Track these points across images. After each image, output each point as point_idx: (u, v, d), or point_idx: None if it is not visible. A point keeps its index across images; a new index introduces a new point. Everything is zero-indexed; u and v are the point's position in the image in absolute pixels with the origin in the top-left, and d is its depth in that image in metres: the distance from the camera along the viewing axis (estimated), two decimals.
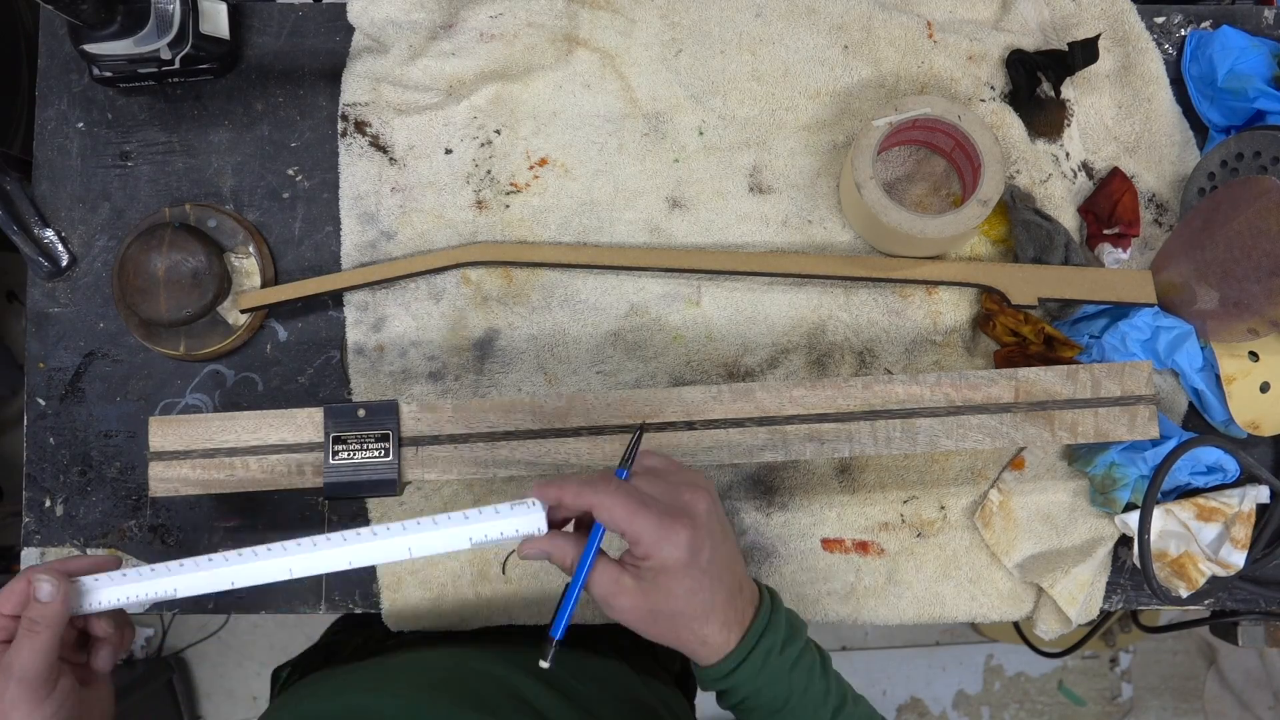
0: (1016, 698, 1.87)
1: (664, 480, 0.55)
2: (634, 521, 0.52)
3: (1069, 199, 0.79)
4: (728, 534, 0.56)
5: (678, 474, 0.56)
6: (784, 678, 0.55)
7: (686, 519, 0.53)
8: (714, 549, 0.53)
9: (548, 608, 0.76)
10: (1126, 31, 0.81)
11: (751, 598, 0.56)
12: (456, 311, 0.77)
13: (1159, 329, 0.74)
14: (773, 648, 0.55)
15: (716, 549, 0.54)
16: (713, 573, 0.53)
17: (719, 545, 0.54)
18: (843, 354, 0.78)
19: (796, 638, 0.57)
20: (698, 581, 0.53)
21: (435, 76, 0.78)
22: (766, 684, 0.54)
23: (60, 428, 0.78)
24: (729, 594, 0.54)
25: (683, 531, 0.52)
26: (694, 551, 0.52)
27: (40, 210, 0.78)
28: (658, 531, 0.52)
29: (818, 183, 0.79)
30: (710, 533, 0.53)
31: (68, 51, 0.79)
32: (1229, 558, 0.73)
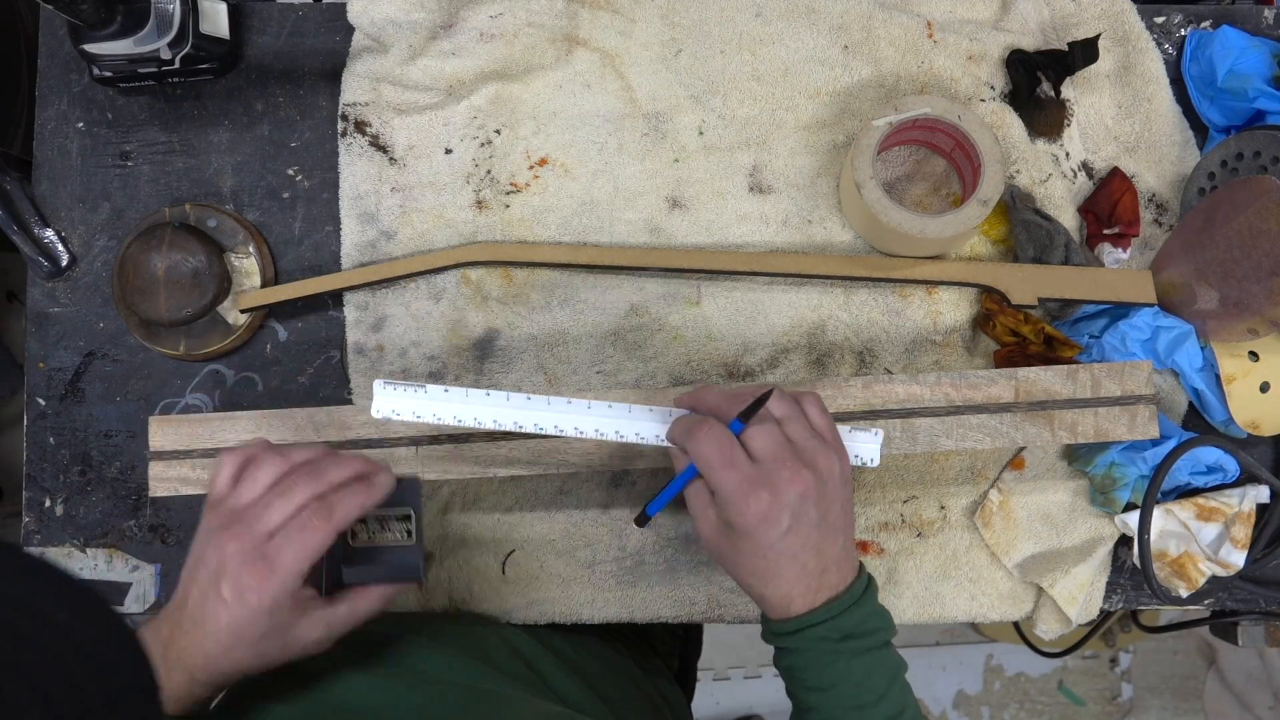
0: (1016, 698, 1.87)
1: (780, 446, 0.56)
2: (717, 475, 0.55)
3: (1069, 199, 0.79)
4: (825, 519, 0.56)
5: (804, 442, 0.57)
6: (834, 665, 0.56)
7: (768, 492, 0.54)
8: (794, 528, 0.55)
9: (548, 607, 0.76)
10: (1126, 31, 0.81)
11: (835, 585, 0.57)
12: (456, 311, 0.77)
13: (1159, 329, 0.74)
14: (828, 636, 0.56)
15: (798, 529, 0.55)
16: (784, 549, 0.55)
17: (803, 527, 0.55)
18: (843, 354, 0.77)
19: (866, 635, 0.57)
20: (766, 550, 0.55)
21: (435, 76, 0.78)
22: (813, 663, 0.56)
23: (60, 428, 0.78)
24: (801, 572, 0.56)
25: (757, 503, 0.54)
26: (765, 523, 0.54)
27: (40, 210, 0.78)
28: (734, 492, 0.54)
29: (818, 183, 0.79)
30: (794, 513, 0.55)
31: (68, 51, 0.79)
32: (1229, 558, 0.73)
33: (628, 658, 0.82)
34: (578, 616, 0.76)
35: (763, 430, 0.56)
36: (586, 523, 0.76)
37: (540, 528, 0.76)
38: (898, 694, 0.58)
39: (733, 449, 0.55)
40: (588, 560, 0.76)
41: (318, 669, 0.59)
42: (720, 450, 0.55)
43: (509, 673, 0.65)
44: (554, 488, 0.76)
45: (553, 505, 0.76)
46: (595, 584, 0.76)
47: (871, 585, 0.59)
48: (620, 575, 0.76)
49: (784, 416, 0.58)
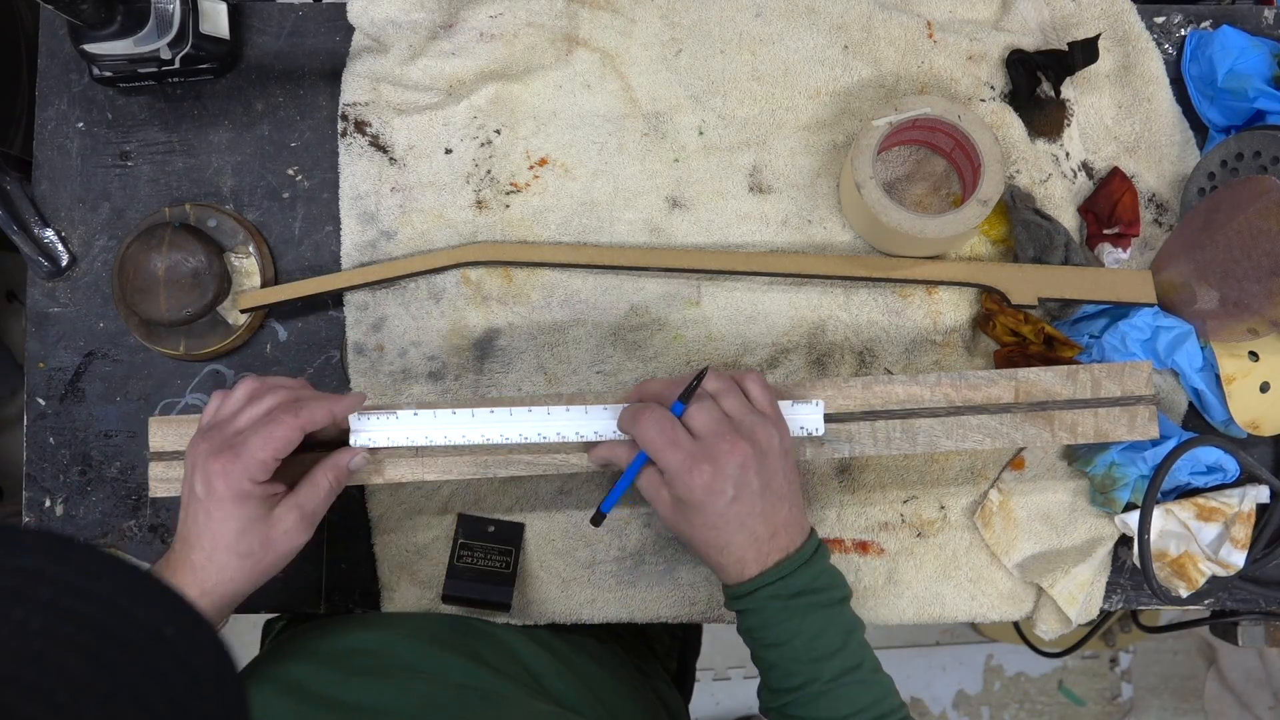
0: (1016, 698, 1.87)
1: (718, 421, 0.59)
2: (662, 455, 0.59)
3: (1069, 199, 0.79)
4: (768, 486, 0.59)
5: (742, 415, 0.60)
6: (788, 621, 0.59)
7: (710, 465, 0.57)
8: (738, 497, 0.58)
9: (547, 607, 0.76)
10: (1126, 31, 0.81)
11: (785, 547, 0.60)
12: (456, 311, 0.77)
13: (1159, 329, 0.74)
14: (781, 594, 0.59)
15: (742, 498, 0.58)
16: (731, 517, 0.58)
17: (746, 496, 0.58)
18: (843, 354, 0.77)
19: (818, 592, 0.60)
20: (715, 520, 0.58)
21: (435, 76, 0.78)
22: (769, 620, 0.59)
23: (60, 428, 0.78)
24: (751, 537, 0.59)
25: (701, 476, 0.57)
26: (710, 494, 0.57)
27: (40, 210, 0.78)
28: (679, 469, 0.58)
29: (818, 183, 0.79)
30: (736, 482, 0.58)
31: (68, 51, 0.79)
32: (1229, 558, 0.73)
33: (625, 659, 0.82)
34: (577, 616, 0.76)
35: (701, 409, 0.60)
36: (586, 523, 0.76)
37: (540, 528, 0.76)
38: (855, 648, 0.60)
39: (674, 429, 0.59)
40: (588, 560, 0.76)
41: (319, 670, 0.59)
42: (662, 431, 0.59)
43: (505, 673, 0.65)
44: (554, 488, 0.76)
45: (553, 505, 0.76)
46: (595, 584, 0.76)
47: (821, 548, 0.62)
48: (620, 575, 0.76)
49: (720, 393, 0.61)
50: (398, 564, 0.76)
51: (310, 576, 0.76)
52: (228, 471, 0.56)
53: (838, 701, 0.59)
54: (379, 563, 0.76)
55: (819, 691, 0.59)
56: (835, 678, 0.59)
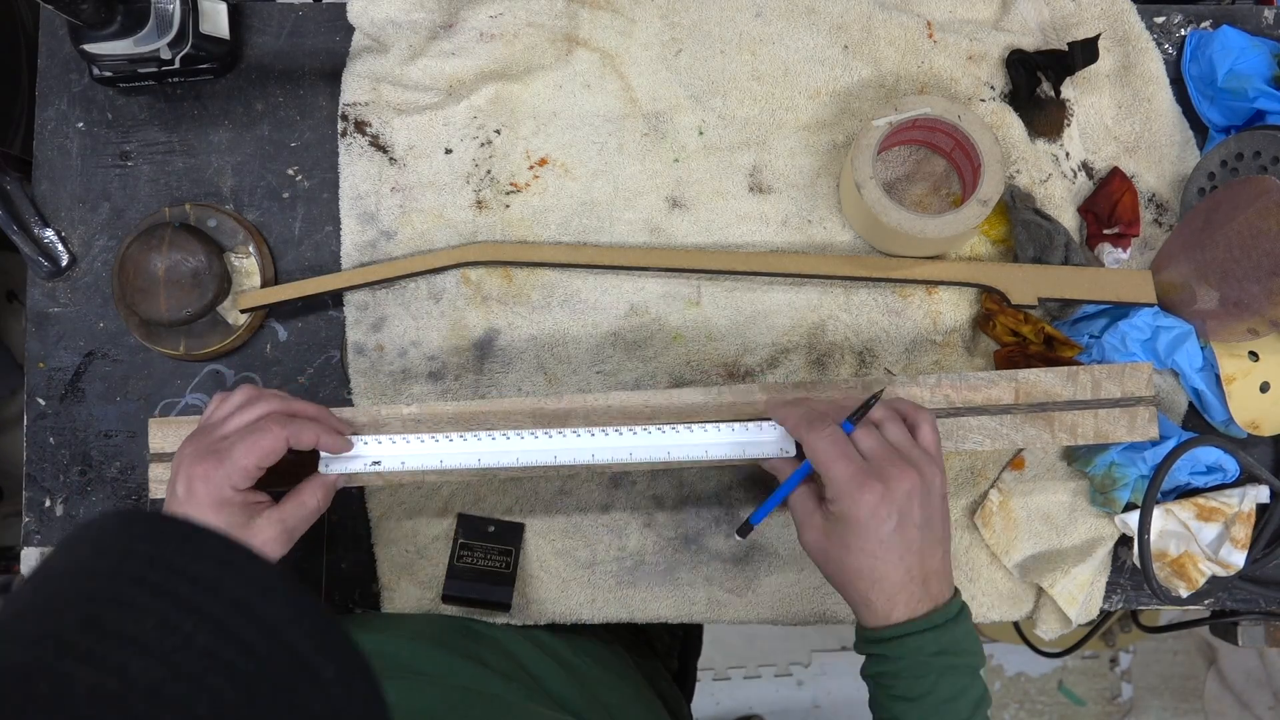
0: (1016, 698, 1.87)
1: (887, 447, 0.58)
2: (831, 467, 0.57)
3: (1069, 199, 0.79)
4: (929, 524, 0.58)
5: (908, 449, 0.59)
6: (926, 677, 0.57)
7: (880, 486, 0.56)
8: (901, 526, 0.56)
9: (547, 607, 0.76)
10: (1126, 31, 0.81)
11: (936, 596, 0.58)
12: (456, 311, 0.77)
13: (1159, 329, 0.74)
14: (927, 647, 0.57)
15: (904, 528, 0.56)
16: (893, 547, 0.56)
17: (908, 526, 0.56)
18: (843, 354, 0.77)
19: (961, 654, 0.58)
20: (875, 547, 0.56)
21: (435, 76, 0.78)
22: (907, 671, 0.57)
23: (60, 428, 0.78)
24: (907, 576, 0.57)
25: (870, 494, 0.56)
26: (876, 516, 0.56)
27: (40, 210, 0.78)
28: (848, 484, 0.56)
29: (818, 183, 0.79)
30: (901, 510, 0.56)
31: (68, 51, 0.79)
32: (1229, 558, 0.73)
33: (626, 659, 0.82)
34: (577, 616, 0.76)
35: (869, 433, 0.59)
36: (586, 523, 0.76)
37: (540, 528, 0.76)
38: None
39: (847, 444, 0.58)
40: (587, 560, 0.76)
41: None
42: (835, 442, 0.58)
43: (506, 676, 0.65)
44: (554, 488, 0.76)
45: (553, 505, 0.76)
46: (595, 584, 0.76)
47: (966, 609, 0.60)
48: (620, 575, 0.76)
49: (886, 422, 0.60)
50: (398, 564, 0.76)
51: (310, 576, 0.76)
52: (209, 476, 0.56)
53: None
54: (379, 563, 0.76)
55: None
56: None
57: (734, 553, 0.76)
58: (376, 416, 0.67)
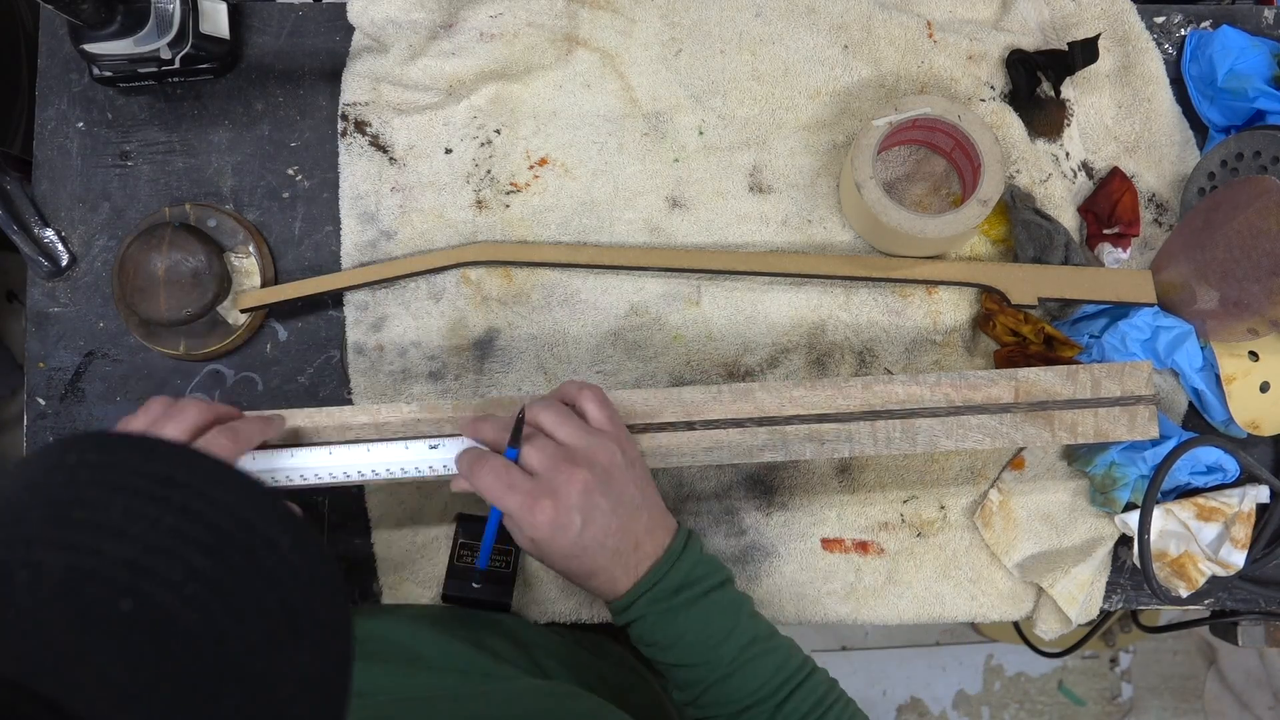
0: (1016, 698, 1.87)
1: (554, 454, 0.59)
2: (501, 502, 0.58)
3: (1069, 199, 0.79)
4: (621, 502, 0.59)
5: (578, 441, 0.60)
6: (674, 620, 0.59)
7: (549, 500, 0.57)
8: (588, 522, 0.58)
9: (548, 607, 0.76)
10: (1126, 31, 0.81)
11: (653, 552, 0.60)
12: (456, 311, 0.77)
13: (1159, 329, 0.74)
14: (660, 596, 0.59)
15: (592, 522, 0.58)
16: (588, 543, 0.58)
17: (596, 517, 0.58)
18: (843, 354, 0.77)
19: (696, 583, 0.60)
20: (572, 549, 0.58)
21: (435, 76, 0.78)
22: (656, 624, 0.59)
23: (60, 427, 0.78)
24: (615, 555, 0.59)
25: (543, 514, 0.57)
26: (557, 527, 0.57)
27: (40, 210, 0.78)
28: (520, 511, 0.57)
29: (818, 183, 0.79)
30: (582, 510, 0.57)
31: (68, 51, 0.79)
32: (1229, 558, 0.73)
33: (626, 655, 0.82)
34: (577, 616, 0.76)
35: (533, 447, 0.59)
36: None
37: None
38: (746, 624, 0.60)
39: (509, 472, 0.58)
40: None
41: None
42: (497, 477, 0.58)
43: (507, 659, 0.65)
44: None
45: None
46: None
47: (692, 539, 0.62)
48: None
49: (552, 424, 0.61)
50: (397, 564, 0.76)
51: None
52: None
53: (745, 679, 0.59)
54: (379, 562, 0.76)
55: (724, 675, 0.59)
56: (735, 658, 0.59)
57: (734, 553, 0.76)
58: (376, 416, 0.67)
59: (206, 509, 0.28)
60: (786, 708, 0.59)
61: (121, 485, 0.28)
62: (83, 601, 0.25)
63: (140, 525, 0.27)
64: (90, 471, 0.28)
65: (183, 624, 0.25)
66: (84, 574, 0.25)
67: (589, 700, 0.58)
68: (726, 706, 0.59)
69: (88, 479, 0.28)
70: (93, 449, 0.29)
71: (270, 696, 0.27)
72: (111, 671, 0.24)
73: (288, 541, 0.29)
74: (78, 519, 0.27)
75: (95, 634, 0.24)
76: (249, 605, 0.27)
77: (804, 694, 0.59)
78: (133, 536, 0.26)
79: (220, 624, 0.26)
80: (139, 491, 0.28)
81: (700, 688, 0.59)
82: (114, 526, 0.27)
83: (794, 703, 0.59)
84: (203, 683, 0.25)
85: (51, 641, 0.24)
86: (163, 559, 0.26)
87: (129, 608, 0.25)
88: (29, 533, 0.27)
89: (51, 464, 0.29)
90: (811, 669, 0.61)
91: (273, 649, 0.27)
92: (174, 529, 0.27)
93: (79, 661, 0.24)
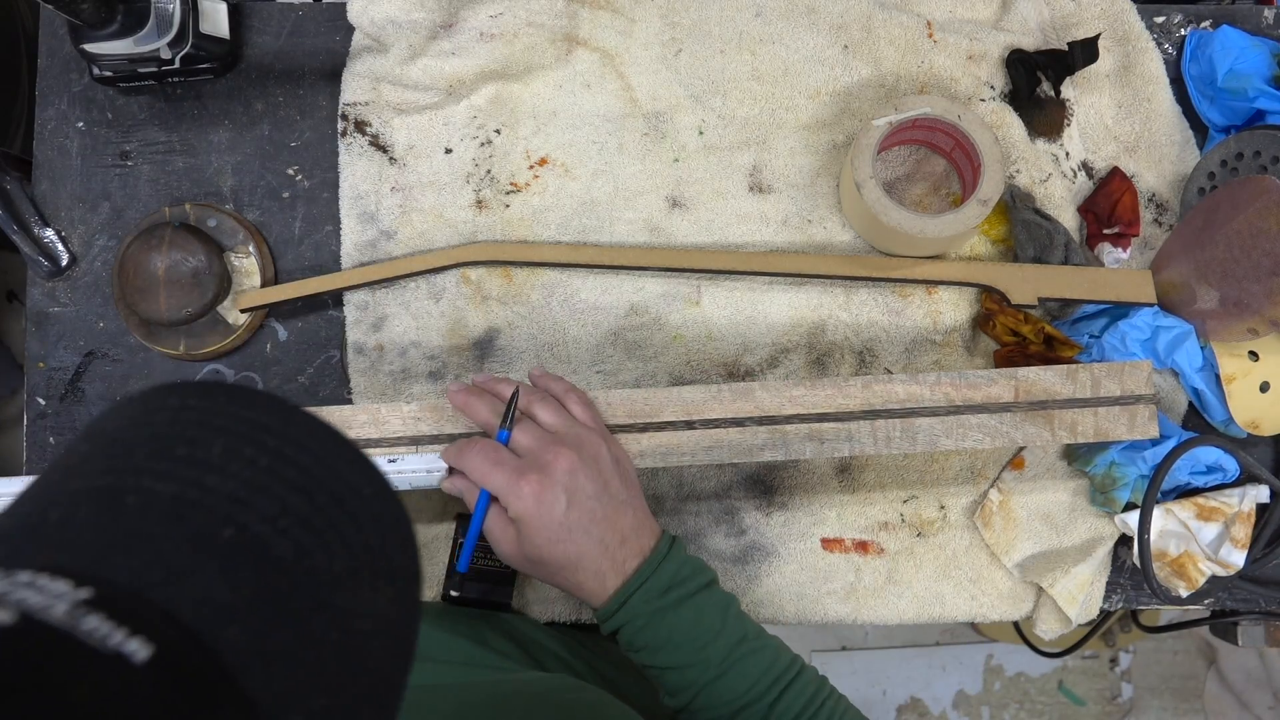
0: (1016, 698, 1.87)
1: (542, 436, 0.60)
2: (489, 478, 0.58)
3: (1069, 199, 0.79)
4: (606, 491, 0.59)
5: (564, 428, 0.61)
6: (663, 620, 0.59)
7: (536, 475, 0.58)
8: (573, 503, 0.58)
9: (548, 607, 0.76)
10: (1126, 31, 0.81)
11: (640, 550, 0.60)
12: (456, 311, 0.77)
13: (1159, 329, 0.74)
14: (649, 596, 0.59)
15: (577, 504, 0.58)
16: (575, 525, 0.58)
17: (582, 500, 0.58)
18: (843, 354, 0.77)
19: (684, 583, 0.60)
20: (558, 533, 0.58)
21: (435, 76, 0.78)
22: (646, 626, 0.59)
23: (60, 427, 0.78)
24: (602, 546, 0.58)
25: (529, 486, 0.57)
26: (542, 503, 0.57)
27: (40, 210, 0.78)
28: (507, 486, 0.58)
29: (818, 182, 0.79)
30: (568, 489, 0.58)
31: (68, 51, 0.79)
32: (1229, 557, 0.73)
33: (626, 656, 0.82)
34: (577, 616, 0.76)
35: (523, 428, 0.61)
36: None
37: None
38: (735, 624, 0.60)
39: (497, 451, 0.59)
40: None
41: None
42: (486, 455, 0.59)
43: (508, 655, 0.65)
44: None
45: None
46: None
47: (676, 542, 0.62)
48: None
49: (540, 411, 0.62)
50: None
51: None
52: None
53: (735, 679, 0.59)
54: None
55: (715, 676, 0.58)
56: (725, 657, 0.59)
57: (734, 553, 0.76)
58: (377, 415, 0.67)
59: (298, 454, 0.30)
60: (779, 706, 0.59)
61: (222, 428, 0.30)
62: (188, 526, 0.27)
63: (238, 463, 0.29)
64: (193, 414, 0.31)
65: (276, 552, 0.28)
66: (188, 503, 0.27)
67: (591, 692, 0.58)
68: (720, 709, 0.59)
69: (191, 419, 0.30)
70: (195, 394, 0.31)
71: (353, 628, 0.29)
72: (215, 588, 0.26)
73: (369, 490, 0.31)
74: (181, 454, 0.29)
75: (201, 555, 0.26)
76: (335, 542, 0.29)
77: (795, 692, 0.59)
78: (231, 473, 0.29)
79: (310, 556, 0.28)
80: (237, 434, 0.30)
81: (692, 691, 0.59)
82: (215, 463, 0.29)
83: (786, 701, 0.59)
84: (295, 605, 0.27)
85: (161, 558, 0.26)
86: (259, 495, 0.28)
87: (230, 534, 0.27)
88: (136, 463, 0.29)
89: (155, 405, 0.31)
90: (801, 666, 0.61)
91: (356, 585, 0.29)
92: (269, 469, 0.29)
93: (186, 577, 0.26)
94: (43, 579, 0.24)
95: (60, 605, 0.23)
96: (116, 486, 0.28)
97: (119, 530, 0.26)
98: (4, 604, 0.23)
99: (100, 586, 0.24)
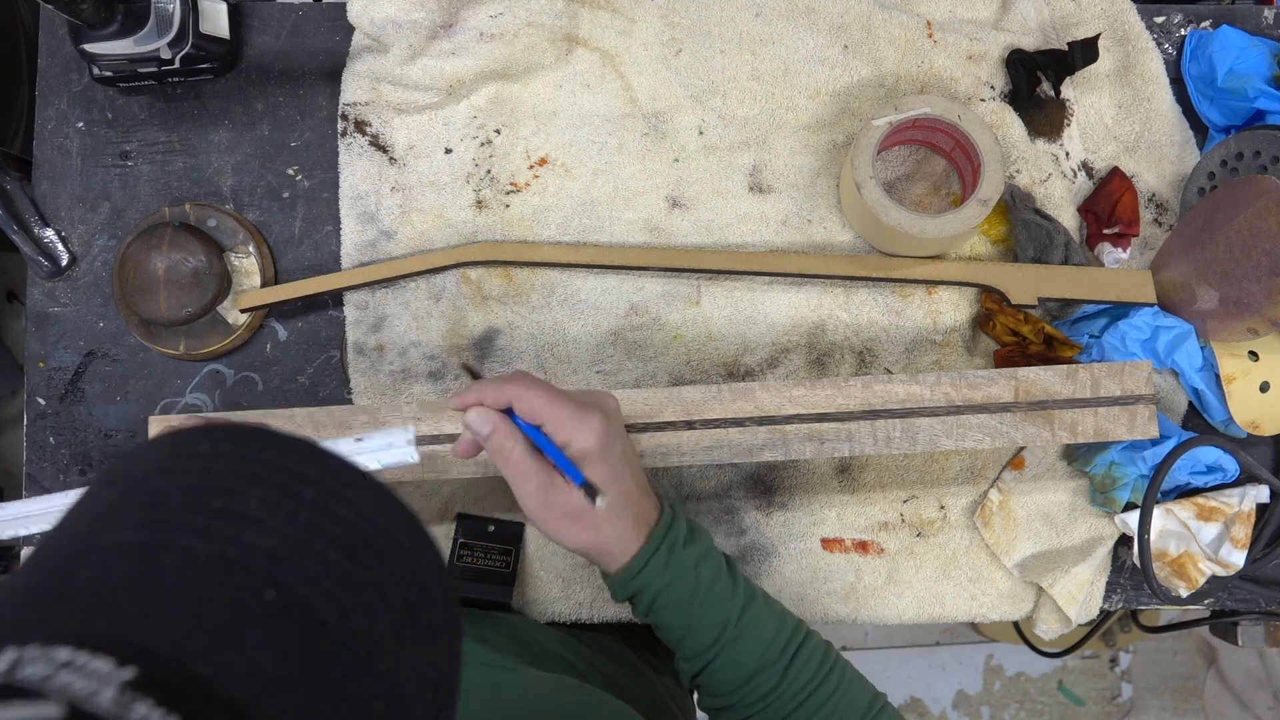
0: (1016, 698, 1.87)
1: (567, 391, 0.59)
2: (551, 407, 0.55)
3: (1069, 199, 0.79)
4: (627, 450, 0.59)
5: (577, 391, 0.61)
6: (690, 573, 0.58)
7: (599, 411, 0.57)
8: (624, 445, 0.58)
9: (548, 607, 0.76)
10: (1126, 31, 0.81)
11: (654, 502, 0.60)
12: (456, 311, 0.77)
13: (1159, 328, 0.74)
14: (676, 543, 0.58)
15: (626, 446, 0.58)
16: (624, 468, 0.57)
17: (626, 443, 0.59)
18: (843, 354, 0.77)
19: (698, 539, 0.60)
20: (613, 470, 0.56)
21: (435, 76, 0.78)
22: (675, 579, 0.58)
23: (60, 427, 0.78)
24: (640, 489, 0.58)
25: (595, 419, 0.56)
26: (605, 441, 0.56)
27: (40, 210, 0.78)
28: (574, 418, 0.55)
29: (818, 182, 0.79)
30: (618, 430, 0.58)
31: (68, 51, 0.79)
32: (1229, 557, 0.73)
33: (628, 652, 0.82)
34: (577, 616, 0.76)
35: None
36: None
37: None
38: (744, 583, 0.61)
39: (551, 385, 0.57)
40: (588, 560, 0.76)
41: None
42: (543, 387, 0.56)
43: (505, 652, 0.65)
44: None
45: None
46: (596, 584, 0.76)
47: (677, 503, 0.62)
48: None
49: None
50: None
51: None
52: None
53: (753, 639, 0.58)
54: None
55: (734, 637, 0.58)
56: (741, 615, 0.59)
57: (734, 553, 0.76)
58: (376, 416, 0.67)
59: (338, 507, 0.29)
60: (791, 671, 0.59)
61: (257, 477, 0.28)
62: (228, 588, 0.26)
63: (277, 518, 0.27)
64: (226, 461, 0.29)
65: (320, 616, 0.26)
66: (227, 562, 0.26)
67: (592, 692, 0.57)
68: (737, 671, 0.59)
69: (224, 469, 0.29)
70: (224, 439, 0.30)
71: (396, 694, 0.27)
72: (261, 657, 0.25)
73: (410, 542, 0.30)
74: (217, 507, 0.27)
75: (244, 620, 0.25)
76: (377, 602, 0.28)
77: (806, 655, 0.60)
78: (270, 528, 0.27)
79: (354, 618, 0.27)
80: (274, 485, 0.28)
81: (713, 651, 0.59)
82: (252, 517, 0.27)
83: (798, 665, 0.59)
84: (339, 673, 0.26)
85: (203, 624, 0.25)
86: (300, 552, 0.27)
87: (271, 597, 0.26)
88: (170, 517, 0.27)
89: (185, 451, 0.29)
90: (807, 630, 0.62)
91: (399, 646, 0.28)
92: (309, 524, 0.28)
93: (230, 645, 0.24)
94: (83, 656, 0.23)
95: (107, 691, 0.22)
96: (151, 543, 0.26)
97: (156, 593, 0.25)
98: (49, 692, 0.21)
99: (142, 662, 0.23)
